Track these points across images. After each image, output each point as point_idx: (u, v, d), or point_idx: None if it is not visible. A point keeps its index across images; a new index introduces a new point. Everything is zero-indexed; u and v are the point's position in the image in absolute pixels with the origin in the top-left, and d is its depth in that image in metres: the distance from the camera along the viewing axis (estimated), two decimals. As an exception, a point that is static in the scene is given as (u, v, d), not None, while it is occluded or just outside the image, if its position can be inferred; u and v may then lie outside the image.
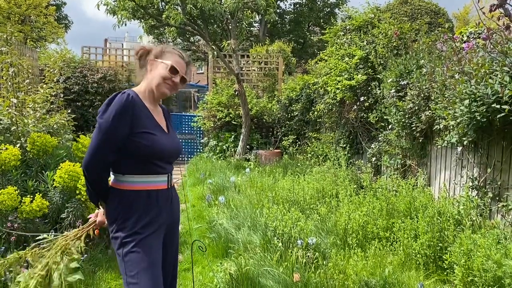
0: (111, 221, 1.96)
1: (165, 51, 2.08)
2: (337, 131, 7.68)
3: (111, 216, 1.96)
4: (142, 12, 9.61)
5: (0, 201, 3.54)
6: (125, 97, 1.88)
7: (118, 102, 1.86)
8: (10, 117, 4.73)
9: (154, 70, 2.05)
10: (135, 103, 1.92)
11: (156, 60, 2.05)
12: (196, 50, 25.78)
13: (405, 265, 3.65)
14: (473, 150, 4.31)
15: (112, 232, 1.94)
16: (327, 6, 24.97)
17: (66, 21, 24.44)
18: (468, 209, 3.94)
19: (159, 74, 2.02)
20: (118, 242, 1.90)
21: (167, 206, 2.04)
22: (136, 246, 1.86)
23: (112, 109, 1.85)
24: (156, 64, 2.05)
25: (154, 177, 1.97)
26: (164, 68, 2.03)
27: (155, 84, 2.02)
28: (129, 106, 1.88)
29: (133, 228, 1.89)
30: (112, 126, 1.83)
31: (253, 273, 3.32)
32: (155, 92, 2.04)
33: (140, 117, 1.92)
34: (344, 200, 4.87)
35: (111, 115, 1.84)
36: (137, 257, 1.85)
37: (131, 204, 1.91)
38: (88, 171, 1.92)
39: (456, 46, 4.28)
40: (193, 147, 12.54)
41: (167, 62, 2.03)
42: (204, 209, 5.85)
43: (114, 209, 1.94)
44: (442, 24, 9.14)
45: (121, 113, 1.85)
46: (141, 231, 1.89)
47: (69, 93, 9.88)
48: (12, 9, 15.25)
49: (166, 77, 2.02)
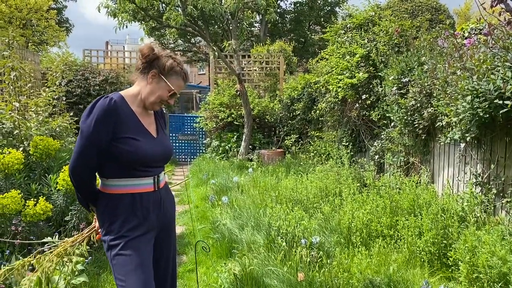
0: (100, 225, 1.97)
1: (173, 71, 1.98)
2: (340, 129, 7.67)
3: (99, 219, 1.98)
4: (143, 14, 9.62)
5: (4, 204, 3.56)
6: (107, 102, 1.85)
7: (100, 107, 1.83)
8: (13, 121, 4.75)
9: (154, 86, 1.97)
10: (118, 108, 1.87)
11: (160, 76, 1.97)
12: (197, 51, 25.82)
13: (410, 262, 3.64)
14: (476, 146, 4.29)
15: (102, 235, 1.95)
16: (327, 4, 24.94)
17: (67, 25, 24.50)
18: (472, 205, 3.93)
19: (158, 95, 1.97)
20: (106, 245, 1.92)
21: (156, 208, 2.01)
22: (122, 249, 1.87)
23: (94, 113, 1.82)
24: (158, 80, 1.97)
25: (138, 180, 1.94)
26: (166, 90, 1.98)
27: (150, 101, 1.97)
28: (112, 110, 1.84)
29: (119, 231, 1.89)
30: (94, 131, 1.82)
31: (257, 273, 3.32)
32: (146, 104, 2.00)
33: (123, 122, 1.88)
34: (347, 198, 4.86)
35: (93, 120, 1.81)
36: (124, 260, 1.85)
37: (116, 207, 1.91)
38: (74, 176, 1.92)
39: (457, 42, 4.27)
40: (196, 148, 12.55)
41: (171, 87, 1.98)
42: (208, 210, 5.86)
43: (102, 213, 1.95)
44: (443, 20, 9.11)
45: (103, 118, 1.82)
46: (127, 234, 1.89)
47: (71, 96, 9.90)
48: (13, 13, 15.30)
49: (164, 99, 1.99)
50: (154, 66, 1.96)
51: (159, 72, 1.96)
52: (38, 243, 3.68)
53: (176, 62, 1.99)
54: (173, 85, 1.98)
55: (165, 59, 1.97)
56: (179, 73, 2.00)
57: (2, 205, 3.55)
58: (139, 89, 1.99)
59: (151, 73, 1.96)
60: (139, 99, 1.98)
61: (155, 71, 1.96)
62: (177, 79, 2.00)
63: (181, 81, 2.02)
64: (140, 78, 2.00)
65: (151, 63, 1.97)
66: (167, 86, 1.97)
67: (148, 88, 1.97)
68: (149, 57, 1.96)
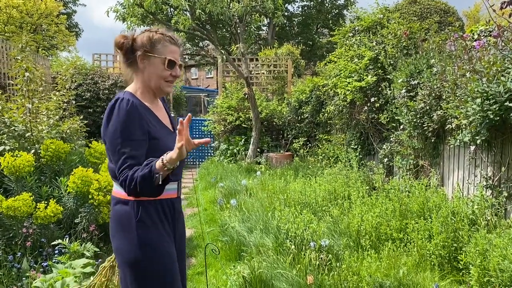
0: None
1: (154, 41, 1.79)
2: (348, 132, 7.65)
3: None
4: (152, 18, 9.69)
5: (16, 207, 3.60)
6: (124, 105, 1.69)
7: (123, 112, 1.68)
8: (24, 124, 4.81)
9: (148, 68, 1.80)
10: (138, 107, 1.73)
11: (147, 54, 1.78)
12: (205, 55, 25.92)
13: (420, 266, 3.62)
14: (486, 149, 4.26)
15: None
16: (335, 7, 24.92)
17: (77, 29, 24.78)
18: (483, 208, 3.89)
19: (156, 75, 1.80)
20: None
21: (178, 216, 1.94)
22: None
23: (119, 119, 1.67)
24: (149, 60, 1.79)
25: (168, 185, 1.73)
26: (161, 64, 1.79)
27: (154, 85, 1.82)
28: (135, 112, 1.71)
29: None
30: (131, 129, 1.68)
31: (266, 276, 3.32)
32: (155, 92, 1.86)
33: (146, 122, 1.74)
34: (356, 201, 4.84)
35: (119, 124, 1.67)
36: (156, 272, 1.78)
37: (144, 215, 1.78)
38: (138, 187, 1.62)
39: (466, 44, 4.25)
40: (204, 151, 12.59)
41: (163, 57, 1.79)
42: (216, 213, 5.87)
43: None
44: (452, 23, 9.07)
45: (130, 121, 1.68)
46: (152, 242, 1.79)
47: (81, 99, 10.00)
48: (24, 18, 15.50)
49: (165, 76, 1.81)
50: (136, 49, 1.79)
51: (143, 52, 1.78)
52: (49, 246, 3.72)
53: (152, 32, 1.82)
54: (164, 54, 1.79)
55: (141, 37, 1.80)
56: (162, 39, 1.81)
57: (14, 208, 3.60)
58: (140, 82, 1.84)
59: (138, 58, 1.79)
60: (145, 93, 1.84)
61: (139, 53, 1.79)
62: (163, 46, 1.80)
63: (170, 45, 1.82)
64: (133, 72, 1.85)
65: (131, 49, 1.80)
66: (160, 59, 1.79)
67: (146, 74, 1.81)
68: (125, 45, 1.79)
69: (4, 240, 3.67)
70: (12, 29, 14.95)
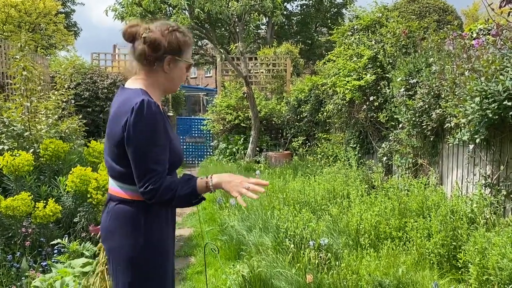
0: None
1: (186, 45, 1.75)
2: (347, 131, 7.65)
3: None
4: (150, 17, 9.67)
5: (15, 206, 3.60)
6: (152, 108, 1.61)
7: (152, 116, 1.60)
8: (23, 123, 4.80)
9: (174, 71, 1.75)
10: (161, 110, 1.67)
11: (177, 59, 1.73)
12: (204, 54, 25.88)
13: (419, 264, 3.62)
14: (485, 147, 4.26)
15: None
16: (334, 6, 24.90)
17: (76, 28, 24.74)
18: (482, 207, 3.90)
19: (180, 78, 1.79)
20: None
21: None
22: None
23: (148, 123, 1.61)
24: (176, 63, 1.74)
25: None
26: (184, 69, 1.78)
27: (173, 88, 1.81)
28: (160, 115, 1.63)
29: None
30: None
31: (266, 274, 3.32)
32: (166, 92, 1.83)
33: (165, 124, 1.69)
34: (355, 200, 4.85)
35: (149, 128, 1.61)
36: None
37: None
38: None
39: (465, 43, 4.25)
40: (203, 150, 12.59)
41: (190, 62, 1.79)
42: (216, 212, 5.87)
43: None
44: (451, 21, 9.07)
45: (158, 125, 1.63)
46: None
47: (80, 99, 9.98)
48: (22, 17, 15.48)
49: (184, 78, 1.83)
50: (166, 52, 1.70)
51: (174, 55, 1.71)
52: (48, 245, 3.71)
53: (181, 33, 1.73)
54: (189, 58, 1.78)
55: (170, 37, 1.70)
56: (190, 43, 1.77)
57: (13, 207, 3.59)
58: (153, 81, 1.75)
59: (166, 61, 1.71)
60: (156, 91, 1.76)
61: (169, 56, 1.71)
62: (189, 50, 1.78)
63: (192, 47, 1.81)
64: (147, 70, 1.74)
65: (161, 49, 1.70)
66: (185, 64, 1.77)
67: (169, 76, 1.75)
68: (158, 43, 1.68)
69: (3, 240, 3.67)
70: (11, 28, 14.93)
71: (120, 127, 1.62)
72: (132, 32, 1.71)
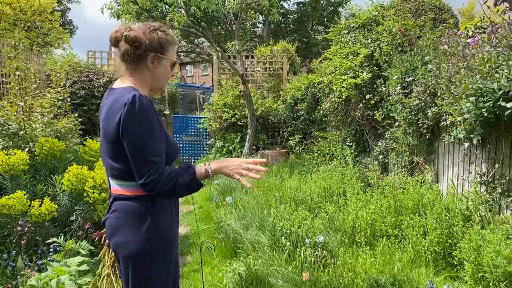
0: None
1: (168, 43, 1.79)
2: (343, 129, 7.66)
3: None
4: (146, 15, 9.65)
5: (10, 205, 3.58)
6: (144, 101, 1.64)
7: (145, 109, 1.63)
8: (18, 122, 4.78)
9: (158, 69, 1.79)
10: (153, 104, 1.70)
11: (160, 56, 1.77)
12: (200, 52, 25.87)
13: (415, 262, 3.64)
14: (480, 145, 4.28)
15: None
16: (330, 4, 24.93)
17: (71, 26, 24.64)
18: (477, 204, 3.92)
19: (165, 76, 1.83)
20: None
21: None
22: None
23: (141, 117, 1.63)
24: (160, 61, 1.78)
25: None
26: (169, 66, 1.83)
27: (159, 86, 1.85)
28: (153, 108, 1.68)
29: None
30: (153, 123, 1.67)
31: (262, 272, 3.33)
32: (153, 90, 1.86)
33: (159, 119, 1.74)
34: (351, 198, 4.86)
35: (142, 121, 1.64)
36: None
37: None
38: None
39: (461, 41, 4.26)
40: (200, 148, 12.57)
41: (173, 59, 1.83)
42: (212, 210, 5.87)
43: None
44: (446, 20, 9.09)
45: (152, 118, 1.66)
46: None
47: (76, 97, 9.94)
48: (18, 15, 15.39)
49: (169, 76, 1.87)
50: (148, 50, 1.74)
51: (156, 52, 1.76)
52: (44, 244, 3.70)
53: (163, 31, 1.78)
54: (173, 56, 1.83)
55: (151, 35, 1.75)
56: (173, 41, 1.82)
57: (8, 206, 3.58)
58: (140, 79, 1.79)
59: (149, 58, 1.75)
60: (144, 89, 1.79)
61: (152, 54, 1.75)
62: (172, 48, 1.82)
63: (175, 46, 1.85)
64: (132, 69, 1.78)
65: (143, 47, 1.74)
66: (169, 61, 1.81)
67: (154, 74, 1.80)
68: (138, 41, 1.72)
69: (-1, 239, 3.65)
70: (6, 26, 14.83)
71: (115, 124, 1.65)
72: (117, 37, 1.77)
